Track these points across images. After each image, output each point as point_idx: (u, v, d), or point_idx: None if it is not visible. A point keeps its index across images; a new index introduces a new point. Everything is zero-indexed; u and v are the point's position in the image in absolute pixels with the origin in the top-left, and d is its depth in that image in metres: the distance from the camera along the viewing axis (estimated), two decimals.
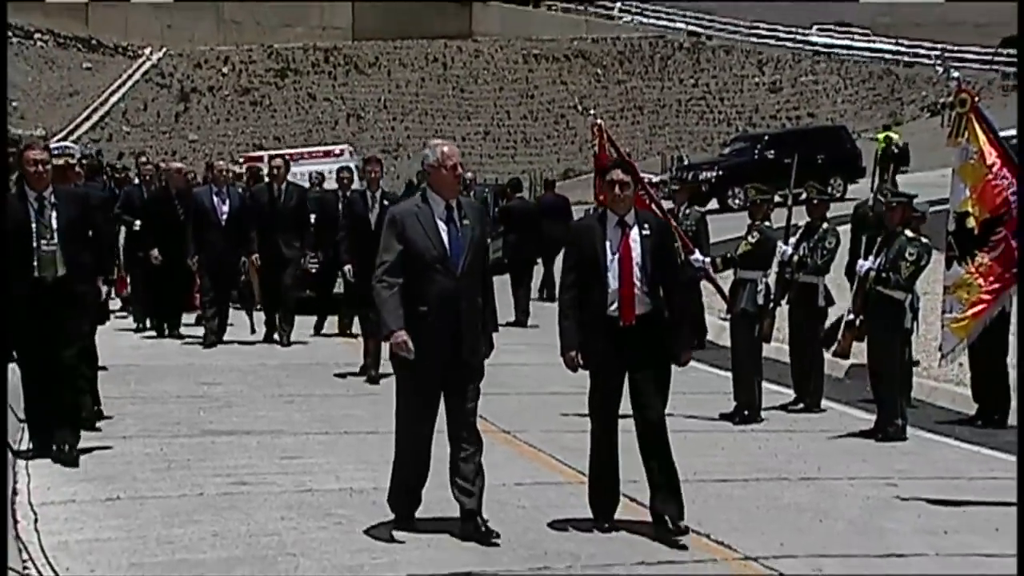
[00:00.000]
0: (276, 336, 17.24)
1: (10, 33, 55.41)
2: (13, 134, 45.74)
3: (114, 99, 55.06)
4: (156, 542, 8.06)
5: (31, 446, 10.07)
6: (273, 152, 27.16)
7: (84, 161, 19.32)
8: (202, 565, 7.68)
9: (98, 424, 11.18)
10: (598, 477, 8.56)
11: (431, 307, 8.02)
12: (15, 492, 9.04)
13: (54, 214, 9.76)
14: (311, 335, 18.27)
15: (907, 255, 11.99)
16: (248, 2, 60.39)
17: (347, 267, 14.73)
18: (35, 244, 9.68)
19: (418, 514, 8.46)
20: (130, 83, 56.52)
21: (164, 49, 58.45)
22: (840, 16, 67.98)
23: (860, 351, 12.75)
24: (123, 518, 8.46)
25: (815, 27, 66.40)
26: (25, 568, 7.34)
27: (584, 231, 8.71)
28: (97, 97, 54.93)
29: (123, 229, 18.10)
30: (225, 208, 16.99)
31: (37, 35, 57.09)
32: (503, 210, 23.88)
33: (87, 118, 52.29)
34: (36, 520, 8.31)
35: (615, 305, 8.27)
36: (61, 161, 11.26)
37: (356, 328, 16.29)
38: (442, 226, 8.10)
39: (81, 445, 10.02)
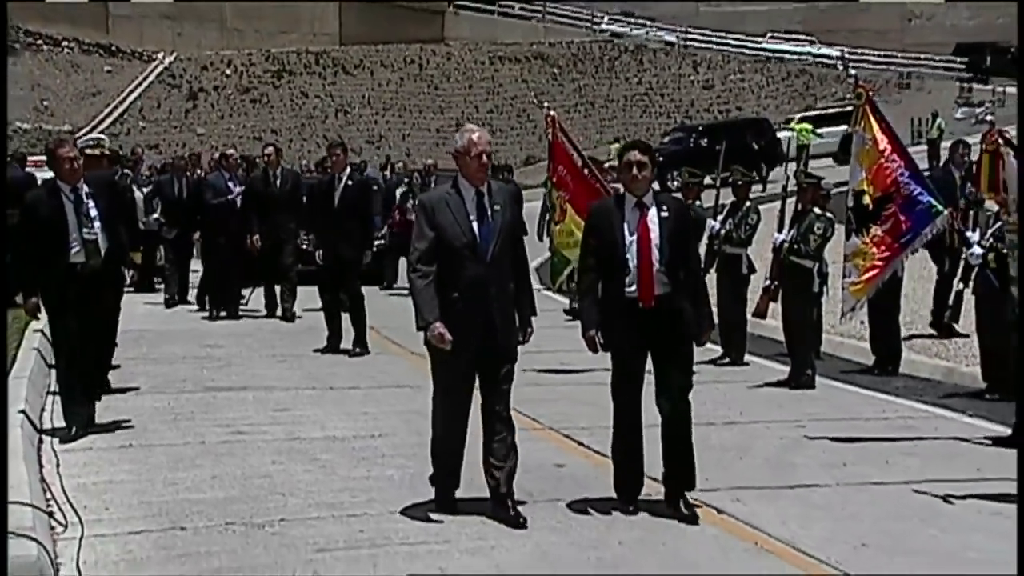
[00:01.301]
0: (278, 312, 16.82)
1: (40, 42, 55.17)
2: (44, 129, 45.51)
3: (131, 98, 54.66)
4: (162, 484, 8.10)
5: (64, 422, 9.43)
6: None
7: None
8: (202, 503, 7.69)
9: (114, 384, 10.97)
10: (622, 460, 7.61)
11: (462, 293, 7.21)
12: (40, 440, 9.02)
13: (91, 203, 9.32)
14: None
15: (815, 229, 12.09)
16: (248, 12, 60.08)
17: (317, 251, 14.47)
18: (77, 233, 9.20)
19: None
20: (145, 84, 56.12)
21: (175, 54, 58.05)
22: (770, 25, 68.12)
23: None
24: (134, 463, 8.51)
25: (769, 34, 66.36)
26: (48, 505, 7.32)
27: (603, 213, 7.66)
28: (116, 96, 54.54)
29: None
30: (237, 191, 16.84)
31: (64, 43, 56.66)
32: None
33: (108, 115, 51.87)
34: (58, 464, 8.30)
35: (635, 286, 7.36)
36: (96, 151, 10.95)
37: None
38: (472, 212, 7.27)
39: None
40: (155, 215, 18.25)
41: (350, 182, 14.39)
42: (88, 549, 6.69)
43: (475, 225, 7.25)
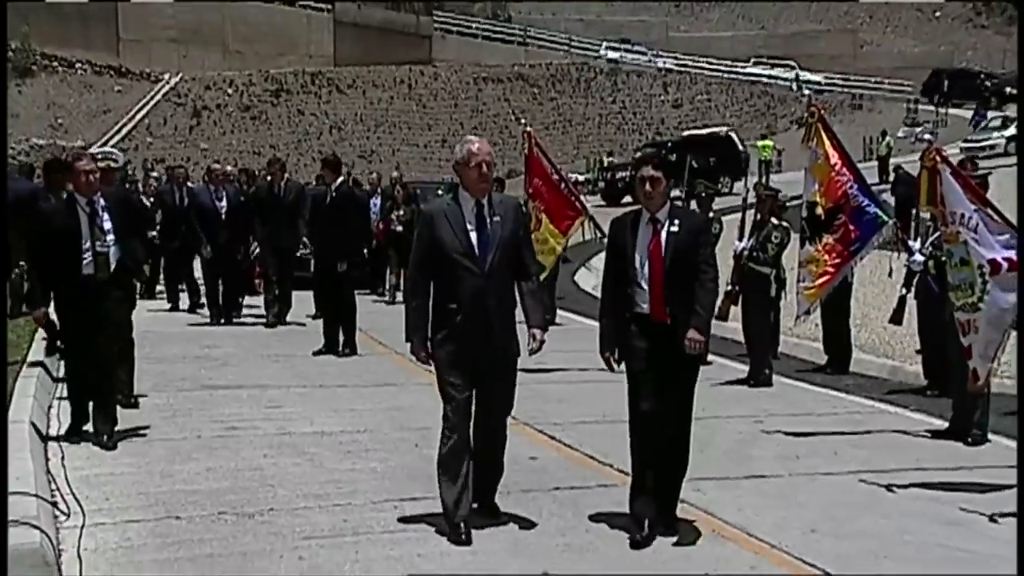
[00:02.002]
0: (272, 317, 16.32)
1: (56, 64, 55.13)
2: (59, 144, 45.38)
3: (140, 116, 54.60)
4: (160, 476, 8.06)
5: (71, 430, 9.03)
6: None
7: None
8: (197, 494, 7.66)
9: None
10: (641, 479, 6.91)
11: (460, 305, 6.73)
12: (47, 437, 8.96)
13: (106, 216, 8.87)
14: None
15: (772, 238, 12.19)
16: (248, 35, 60.07)
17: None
18: (89, 245, 8.77)
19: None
20: (153, 102, 56.06)
21: (180, 74, 57.99)
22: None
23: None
24: (134, 456, 8.45)
25: (753, 60, 66.64)
26: (53, 495, 7.30)
27: (619, 229, 7.02)
28: (126, 114, 54.46)
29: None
30: (223, 204, 16.25)
31: (78, 64, 56.63)
32: None
33: (118, 131, 51.78)
34: (63, 458, 8.26)
35: (647, 302, 6.79)
36: (104, 164, 10.39)
37: None
38: (471, 224, 6.78)
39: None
40: (153, 231, 17.76)
41: (334, 194, 14.47)
42: (89, 537, 6.66)
43: (473, 236, 6.77)
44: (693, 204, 14.32)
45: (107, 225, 8.85)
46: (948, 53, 70.82)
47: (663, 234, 6.79)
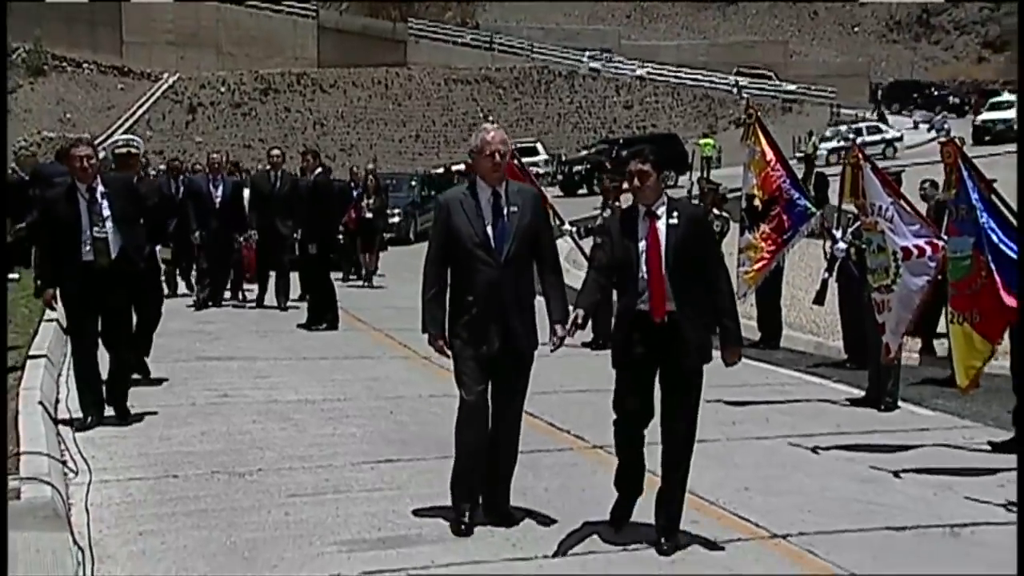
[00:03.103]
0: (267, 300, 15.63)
1: (65, 64, 54.69)
2: (67, 137, 44.96)
3: (140, 111, 54.15)
4: (159, 439, 8.04)
5: (80, 412, 8.36)
6: None
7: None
8: (192, 455, 7.65)
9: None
10: (622, 481, 6.28)
11: (476, 296, 6.04)
12: (56, 401, 8.90)
13: (105, 203, 8.14)
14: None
15: (714, 227, 12.19)
16: (240, 39, 59.66)
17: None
18: (88, 232, 8.08)
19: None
20: (152, 99, 55.61)
21: (178, 74, 57.51)
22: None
23: None
24: (135, 421, 8.37)
25: (736, 69, 66.60)
26: (62, 455, 7.26)
27: (613, 223, 6.19)
28: (128, 110, 54.02)
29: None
30: (219, 193, 15.28)
31: (85, 65, 56.15)
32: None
33: (121, 125, 51.28)
34: (72, 421, 8.20)
35: (646, 299, 5.86)
36: (125, 150, 9.72)
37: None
38: (487, 213, 6.07)
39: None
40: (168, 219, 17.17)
41: (312, 183, 14.41)
42: (95, 492, 6.67)
43: (489, 227, 6.05)
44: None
45: (106, 212, 8.15)
46: (864, 64, 71.46)
47: (661, 227, 5.92)
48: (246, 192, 15.89)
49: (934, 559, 5.91)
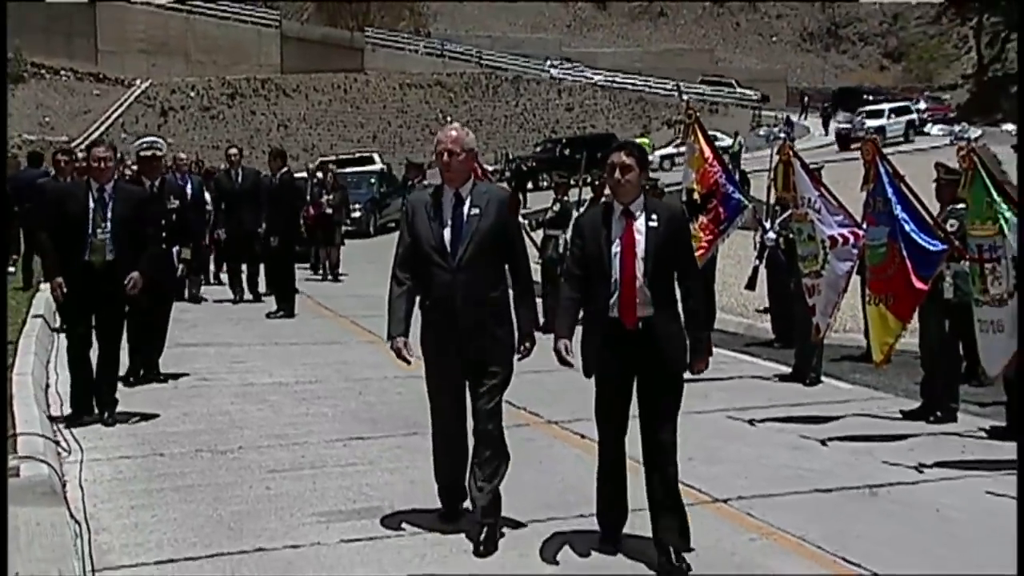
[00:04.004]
0: (236, 295, 15.06)
1: (44, 71, 53.85)
2: (46, 140, 44.29)
3: (115, 115, 53.28)
4: (144, 420, 7.97)
5: (71, 410, 7.96)
6: None
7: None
8: (176, 435, 7.62)
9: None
10: (604, 491, 5.49)
11: (432, 300, 5.46)
12: (47, 386, 8.79)
13: (111, 206, 7.78)
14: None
15: None
16: (208, 47, 58.98)
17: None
18: (90, 231, 7.70)
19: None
20: (126, 104, 54.75)
21: (150, 80, 56.67)
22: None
23: None
24: (121, 404, 8.15)
25: (700, 78, 66.67)
26: (56, 436, 7.21)
27: (587, 222, 5.37)
28: (103, 114, 53.16)
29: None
30: (188, 191, 14.81)
31: (62, 72, 55.15)
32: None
33: (96, 129, 50.44)
34: (62, 405, 8.14)
35: (617, 305, 5.13)
36: (149, 153, 9.38)
37: None
38: (446, 216, 5.41)
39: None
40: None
41: (276, 181, 14.37)
42: (87, 470, 6.64)
43: (447, 230, 5.39)
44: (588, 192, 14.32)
45: (110, 215, 7.77)
46: (782, 71, 72.33)
47: (639, 228, 5.15)
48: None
49: (857, 516, 6.03)
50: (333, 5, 66.27)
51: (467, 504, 5.69)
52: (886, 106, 51.34)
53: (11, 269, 8.15)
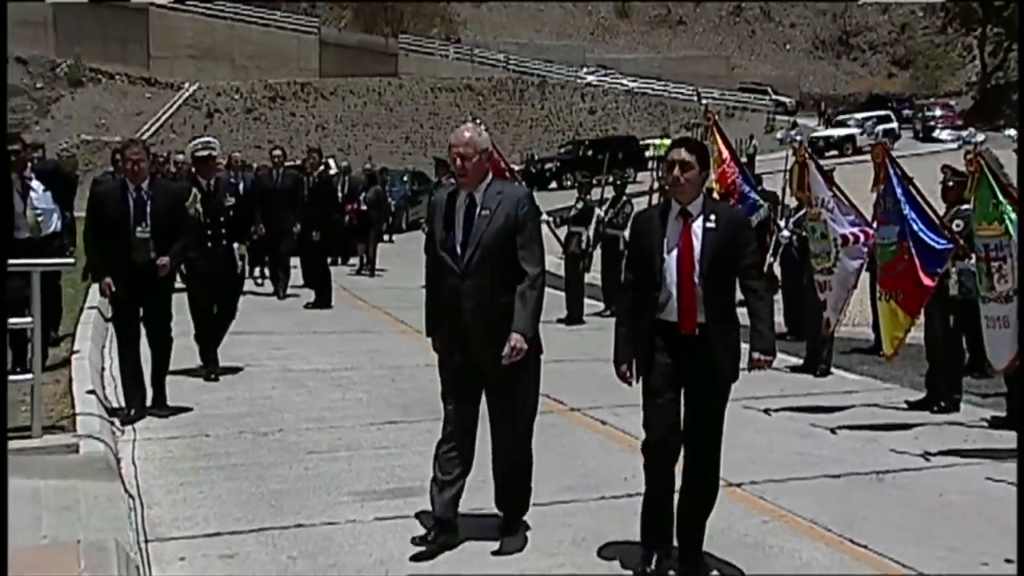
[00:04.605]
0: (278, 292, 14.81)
1: (100, 75, 54.32)
2: (101, 140, 44.68)
3: (164, 117, 53.62)
4: (191, 403, 8.03)
5: (124, 404, 7.71)
6: None
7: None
8: (221, 417, 7.69)
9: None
10: (652, 505, 4.86)
11: (442, 303, 5.03)
12: (102, 369, 8.82)
13: (149, 204, 7.50)
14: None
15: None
16: (252, 52, 59.19)
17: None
18: (131, 231, 7.43)
19: None
20: (175, 107, 55.06)
21: (197, 84, 56.93)
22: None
23: None
24: (171, 387, 8.02)
25: (739, 85, 66.27)
26: (111, 416, 7.26)
27: (643, 223, 4.84)
28: (154, 116, 53.50)
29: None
30: (240, 189, 15.09)
31: (117, 76, 55.50)
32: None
33: (148, 129, 50.76)
34: (116, 388, 8.10)
35: (673, 310, 4.62)
36: (204, 153, 9.09)
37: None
38: (459, 218, 4.96)
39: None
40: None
41: (316, 179, 14.44)
42: (140, 449, 6.72)
43: (459, 231, 4.95)
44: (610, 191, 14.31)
45: (148, 213, 7.50)
46: (795, 77, 71.98)
47: (696, 230, 4.65)
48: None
49: (864, 500, 6.02)
50: (369, 13, 66.35)
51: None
52: (861, 115, 51.30)
53: (71, 260, 8.16)
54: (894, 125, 48.55)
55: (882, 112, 51.97)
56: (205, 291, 8.94)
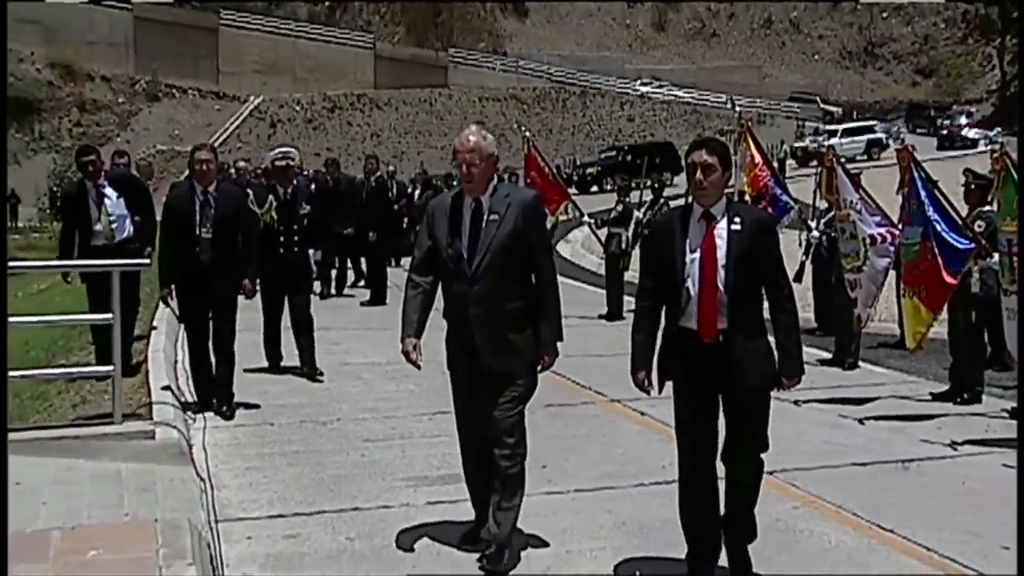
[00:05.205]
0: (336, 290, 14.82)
1: (174, 90, 55.15)
2: (175, 149, 45.40)
3: (232, 128, 54.33)
4: (256, 394, 8.12)
5: (195, 399, 7.62)
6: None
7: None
8: (284, 407, 7.77)
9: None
10: (691, 521, 4.42)
11: (449, 311, 4.68)
12: (176, 362, 8.90)
13: (213, 207, 7.34)
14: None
15: None
16: (312, 66, 59.66)
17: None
18: (197, 232, 7.29)
19: None
20: (242, 118, 55.73)
21: (262, 97, 57.58)
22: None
23: None
24: (237, 380, 7.88)
25: (791, 93, 65.79)
26: (184, 406, 7.34)
27: (663, 225, 4.42)
28: (222, 126, 54.25)
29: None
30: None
31: (189, 91, 56.34)
32: None
33: (217, 139, 51.43)
34: (188, 379, 8.19)
35: (694, 316, 4.19)
36: (283, 163, 8.83)
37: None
38: (465, 223, 4.56)
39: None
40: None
41: (373, 184, 14.51)
42: (209, 436, 6.82)
43: (465, 238, 4.55)
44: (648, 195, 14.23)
45: (211, 215, 7.35)
46: (823, 86, 71.35)
47: (720, 232, 4.21)
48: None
49: (890, 487, 5.97)
50: (421, 28, 66.59)
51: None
52: (841, 127, 51.38)
53: (146, 261, 8.22)
54: (878, 136, 48.45)
55: (866, 124, 52.35)
56: (277, 296, 8.85)
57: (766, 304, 4.35)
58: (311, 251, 9.26)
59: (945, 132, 49.67)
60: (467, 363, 4.62)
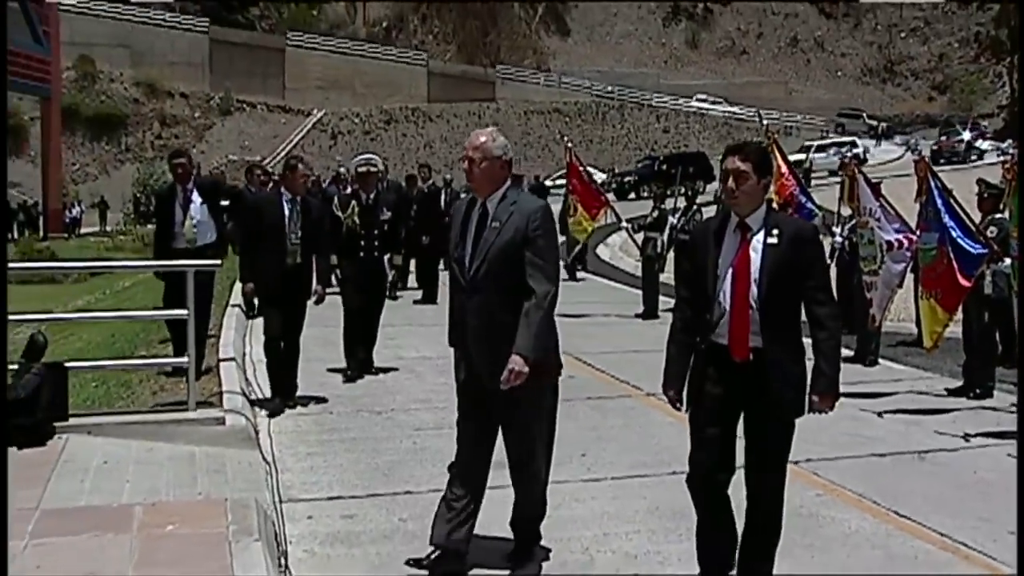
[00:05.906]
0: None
1: (244, 105, 55.82)
2: (245, 159, 45.67)
3: (297, 139, 54.90)
4: (318, 385, 8.15)
5: (271, 392, 7.45)
6: None
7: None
8: (342, 397, 7.83)
9: None
10: (704, 534, 3.98)
11: (452, 321, 4.24)
12: (244, 355, 8.96)
13: (301, 215, 7.33)
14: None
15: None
16: (370, 81, 60.06)
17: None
18: (287, 236, 7.24)
19: None
20: (305, 130, 56.31)
21: (324, 111, 58.12)
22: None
23: None
24: (302, 372, 7.83)
25: (839, 111, 65.29)
26: (252, 395, 7.42)
27: (699, 235, 3.90)
28: (287, 138, 54.81)
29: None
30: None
31: (258, 105, 57.13)
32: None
33: (283, 150, 52.00)
34: (256, 371, 8.21)
35: (725, 331, 3.70)
36: (364, 169, 8.66)
37: None
38: (470, 229, 4.13)
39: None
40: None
41: (425, 191, 14.57)
42: (274, 423, 6.89)
43: (469, 244, 4.11)
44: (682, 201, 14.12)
45: (299, 222, 7.31)
46: (846, 100, 70.67)
47: (755, 245, 3.70)
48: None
49: (907, 476, 5.91)
50: (470, 46, 66.83)
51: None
52: (816, 142, 50.97)
53: (217, 261, 8.21)
54: (860, 150, 47.45)
55: (847, 139, 51.58)
56: (355, 297, 8.66)
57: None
58: (388, 256, 9.14)
59: (936, 148, 47.72)
60: (466, 373, 4.20)
